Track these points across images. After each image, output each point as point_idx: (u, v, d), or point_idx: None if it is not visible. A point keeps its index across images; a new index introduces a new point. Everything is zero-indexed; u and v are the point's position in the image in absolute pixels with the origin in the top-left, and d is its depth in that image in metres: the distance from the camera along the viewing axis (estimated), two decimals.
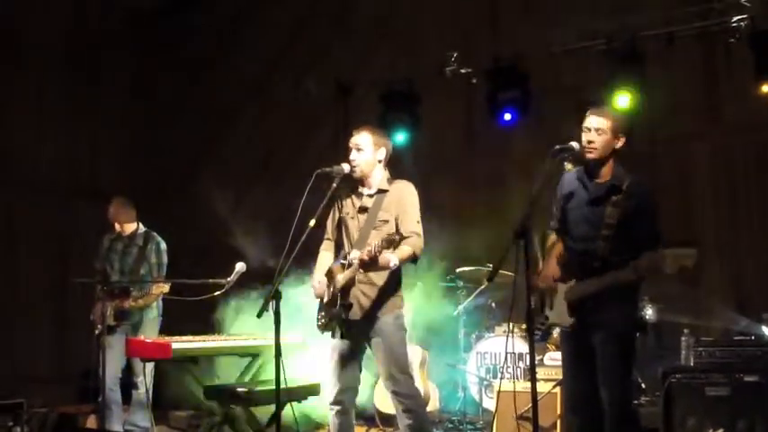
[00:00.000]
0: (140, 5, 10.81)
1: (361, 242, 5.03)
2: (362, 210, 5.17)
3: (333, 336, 5.12)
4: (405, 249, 4.94)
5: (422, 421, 5.09)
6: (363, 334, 5.09)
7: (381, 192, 5.17)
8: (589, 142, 4.65)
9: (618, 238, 4.57)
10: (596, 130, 4.65)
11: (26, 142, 9.62)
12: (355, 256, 4.90)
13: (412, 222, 5.08)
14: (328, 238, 5.36)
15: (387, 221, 5.09)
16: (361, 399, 6.00)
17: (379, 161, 5.21)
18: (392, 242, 4.71)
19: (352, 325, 5.05)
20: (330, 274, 5.14)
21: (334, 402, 5.10)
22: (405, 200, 5.15)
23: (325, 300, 5.12)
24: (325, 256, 5.33)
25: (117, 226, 7.30)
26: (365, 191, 5.22)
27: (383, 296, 5.07)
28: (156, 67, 10.99)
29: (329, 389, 5.16)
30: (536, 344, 4.67)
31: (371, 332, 5.05)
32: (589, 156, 4.68)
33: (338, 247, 5.30)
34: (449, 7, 9.16)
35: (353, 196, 5.24)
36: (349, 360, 5.11)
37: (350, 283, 5.01)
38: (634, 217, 4.59)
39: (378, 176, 5.22)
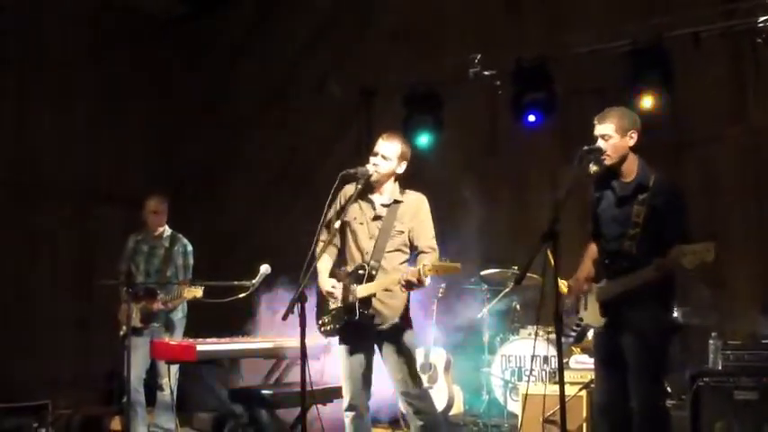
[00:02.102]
0: (163, 10, 10.86)
1: (378, 252, 5.04)
2: (377, 218, 5.14)
3: (340, 342, 5.16)
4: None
5: (433, 421, 5.15)
6: (376, 339, 5.11)
7: (396, 202, 5.17)
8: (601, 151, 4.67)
9: (645, 236, 4.57)
10: (602, 136, 4.69)
11: (48, 146, 9.67)
12: (374, 266, 4.96)
13: (428, 237, 5.12)
14: (332, 243, 5.21)
15: (402, 232, 5.11)
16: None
17: (397, 174, 5.20)
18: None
19: (367, 331, 5.07)
20: (338, 281, 5.12)
21: (349, 408, 5.12)
22: (420, 213, 5.16)
23: (336, 305, 5.09)
24: (327, 260, 5.24)
25: (150, 222, 7.25)
26: (377, 198, 5.19)
27: (399, 303, 5.10)
28: (179, 71, 11.04)
29: (343, 395, 5.17)
30: (563, 346, 4.64)
31: (384, 337, 5.08)
32: (606, 162, 4.69)
33: (340, 253, 5.27)
34: (472, 9, 9.13)
35: (362, 202, 5.19)
36: (361, 365, 5.13)
37: (371, 294, 5.01)
38: (661, 215, 4.58)
39: (390, 186, 5.21)
